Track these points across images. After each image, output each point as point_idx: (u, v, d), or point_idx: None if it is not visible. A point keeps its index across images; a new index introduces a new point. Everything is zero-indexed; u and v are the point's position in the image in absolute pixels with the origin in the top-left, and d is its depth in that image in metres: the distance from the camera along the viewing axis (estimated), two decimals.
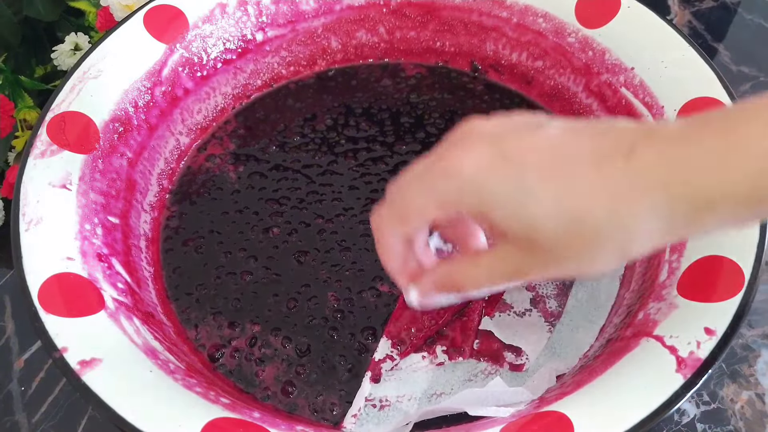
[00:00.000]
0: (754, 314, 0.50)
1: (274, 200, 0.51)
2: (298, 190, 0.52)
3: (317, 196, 0.51)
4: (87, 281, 0.40)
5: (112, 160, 0.47)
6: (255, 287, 0.47)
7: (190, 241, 0.50)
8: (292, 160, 0.54)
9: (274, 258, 0.48)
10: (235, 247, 0.49)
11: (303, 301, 0.46)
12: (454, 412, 0.40)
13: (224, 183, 0.53)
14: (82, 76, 0.48)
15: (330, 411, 0.42)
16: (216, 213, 0.51)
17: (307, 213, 0.50)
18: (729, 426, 0.46)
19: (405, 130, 0.55)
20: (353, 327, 0.45)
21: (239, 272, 0.48)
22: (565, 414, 0.34)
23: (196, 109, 0.55)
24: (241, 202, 0.51)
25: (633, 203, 0.27)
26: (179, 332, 0.45)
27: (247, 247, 0.49)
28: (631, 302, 0.43)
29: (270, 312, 0.46)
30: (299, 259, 0.48)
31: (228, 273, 0.48)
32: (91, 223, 0.43)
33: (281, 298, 0.46)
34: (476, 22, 0.57)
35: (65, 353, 0.35)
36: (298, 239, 0.49)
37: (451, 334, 0.44)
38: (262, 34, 0.56)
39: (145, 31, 0.51)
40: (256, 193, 0.52)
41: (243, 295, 0.47)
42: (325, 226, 0.50)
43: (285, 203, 0.51)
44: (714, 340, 0.35)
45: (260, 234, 0.49)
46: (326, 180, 0.52)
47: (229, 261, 0.48)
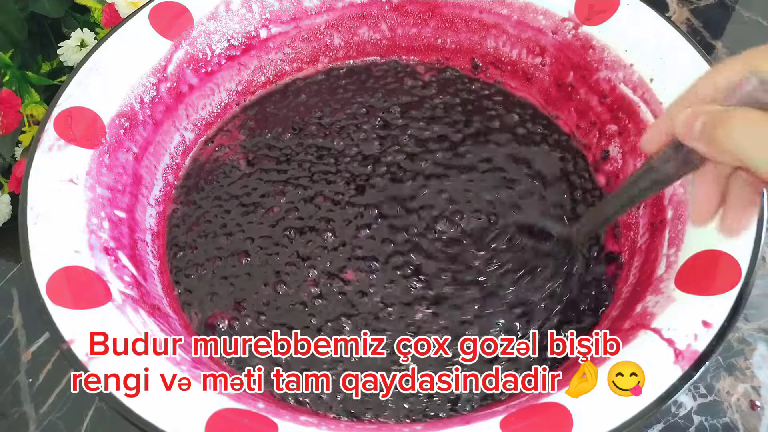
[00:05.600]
0: (751, 308, 0.51)
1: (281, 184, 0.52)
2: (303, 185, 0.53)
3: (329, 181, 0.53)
4: (94, 274, 0.40)
5: (119, 155, 0.48)
6: (256, 276, 0.48)
7: (195, 226, 0.51)
8: (297, 152, 0.54)
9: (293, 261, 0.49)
10: (239, 236, 0.50)
11: (311, 297, 0.47)
12: None
13: (232, 171, 0.54)
14: (88, 72, 0.48)
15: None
16: (222, 202, 0.52)
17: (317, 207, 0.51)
18: (725, 418, 0.47)
19: (412, 127, 0.56)
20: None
21: (242, 263, 0.48)
22: (564, 405, 0.35)
23: (201, 104, 0.56)
24: (249, 188, 0.53)
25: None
26: (185, 324, 0.45)
27: (255, 236, 0.50)
28: (629, 295, 0.43)
29: (277, 303, 0.46)
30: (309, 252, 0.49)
31: (231, 266, 0.48)
32: (98, 217, 0.44)
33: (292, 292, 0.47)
34: (477, 19, 0.58)
35: (72, 345, 0.36)
36: (307, 239, 0.50)
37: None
38: (265, 30, 0.57)
39: (150, 27, 0.51)
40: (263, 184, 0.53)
41: (247, 286, 0.47)
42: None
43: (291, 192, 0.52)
44: (711, 333, 0.36)
45: (272, 227, 0.50)
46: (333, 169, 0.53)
47: (230, 244, 0.49)
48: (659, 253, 0.43)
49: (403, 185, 0.52)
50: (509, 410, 0.36)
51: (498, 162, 0.53)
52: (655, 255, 0.43)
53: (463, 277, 0.47)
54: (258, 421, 0.35)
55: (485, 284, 0.47)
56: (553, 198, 0.51)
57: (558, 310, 0.46)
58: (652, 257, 0.43)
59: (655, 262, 0.43)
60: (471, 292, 0.46)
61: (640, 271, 0.44)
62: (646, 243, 0.46)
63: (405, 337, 0.44)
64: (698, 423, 0.47)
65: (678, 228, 0.43)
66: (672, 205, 0.45)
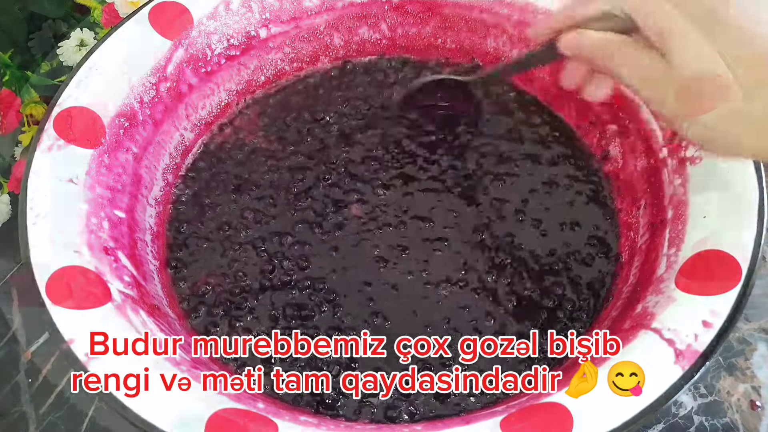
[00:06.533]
0: (751, 308, 0.51)
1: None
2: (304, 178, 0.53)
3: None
4: (94, 274, 0.40)
5: (118, 155, 0.48)
6: (264, 284, 0.48)
7: (205, 208, 0.51)
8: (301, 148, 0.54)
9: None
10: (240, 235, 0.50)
11: (315, 304, 0.47)
12: None
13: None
14: (88, 72, 0.48)
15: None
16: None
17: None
18: (725, 418, 0.47)
19: (412, 127, 0.56)
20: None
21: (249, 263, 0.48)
22: (564, 405, 0.35)
23: (201, 104, 0.56)
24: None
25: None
26: (184, 325, 0.45)
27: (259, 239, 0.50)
28: (629, 295, 0.43)
29: (276, 306, 0.47)
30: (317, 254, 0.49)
31: (233, 260, 0.49)
32: (97, 217, 0.44)
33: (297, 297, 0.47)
34: (477, 18, 0.58)
35: (72, 344, 0.36)
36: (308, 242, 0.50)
37: None
38: (265, 30, 0.57)
39: (150, 27, 0.51)
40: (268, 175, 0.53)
41: (251, 292, 0.47)
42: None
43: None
44: (711, 333, 0.36)
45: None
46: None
47: (231, 241, 0.49)
48: (659, 253, 0.43)
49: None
50: (509, 410, 0.36)
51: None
52: (656, 255, 0.43)
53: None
54: (258, 421, 0.35)
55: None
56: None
57: (558, 310, 0.46)
58: (653, 257, 0.43)
59: (656, 262, 0.43)
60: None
61: (641, 271, 0.44)
62: (646, 243, 0.46)
63: (405, 337, 0.44)
64: (698, 423, 0.47)
65: (678, 228, 0.43)
66: (672, 205, 0.44)
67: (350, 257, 0.48)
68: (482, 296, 0.46)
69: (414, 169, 0.53)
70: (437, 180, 0.52)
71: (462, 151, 0.54)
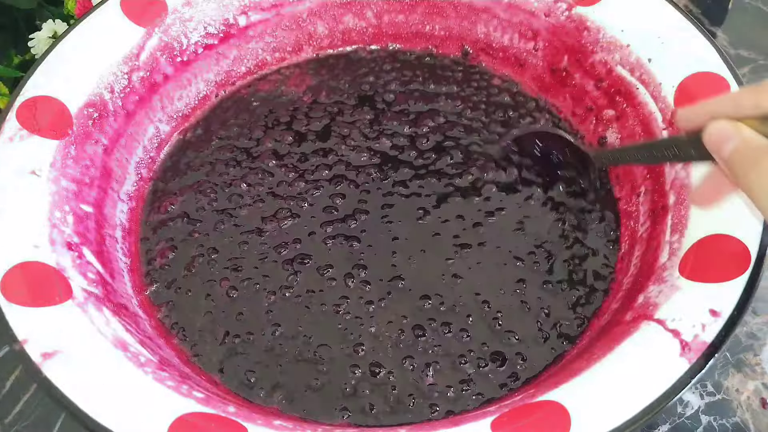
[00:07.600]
0: (759, 301, 0.48)
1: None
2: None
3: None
4: (54, 270, 0.37)
5: (86, 147, 0.45)
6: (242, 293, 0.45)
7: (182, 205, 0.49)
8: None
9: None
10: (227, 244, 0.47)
11: (290, 296, 0.44)
12: None
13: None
14: (55, 60, 0.46)
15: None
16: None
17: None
18: (735, 418, 0.44)
19: (397, 119, 0.53)
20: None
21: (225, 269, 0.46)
22: (561, 403, 0.32)
23: (177, 96, 0.53)
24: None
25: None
26: (156, 325, 0.43)
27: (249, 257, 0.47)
28: (630, 286, 0.40)
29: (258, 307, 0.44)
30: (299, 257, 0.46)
31: (210, 275, 0.46)
32: (61, 211, 0.41)
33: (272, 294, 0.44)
34: (466, 3, 0.55)
35: (26, 344, 0.33)
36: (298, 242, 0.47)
37: None
38: (244, 18, 0.55)
39: (122, 14, 0.49)
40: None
41: (226, 298, 0.45)
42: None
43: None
44: (720, 322, 0.33)
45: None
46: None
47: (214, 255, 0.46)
48: (661, 241, 0.40)
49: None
50: (501, 410, 0.33)
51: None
52: (657, 243, 0.40)
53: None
54: (226, 426, 0.32)
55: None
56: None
57: (556, 304, 0.43)
58: (654, 245, 0.41)
59: (657, 250, 0.40)
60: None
61: (642, 260, 0.42)
62: (647, 231, 0.43)
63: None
64: (706, 423, 0.44)
65: (681, 213, 0.40)
66: (674, 190, 0.42)
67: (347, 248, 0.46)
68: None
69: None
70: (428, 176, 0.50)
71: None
